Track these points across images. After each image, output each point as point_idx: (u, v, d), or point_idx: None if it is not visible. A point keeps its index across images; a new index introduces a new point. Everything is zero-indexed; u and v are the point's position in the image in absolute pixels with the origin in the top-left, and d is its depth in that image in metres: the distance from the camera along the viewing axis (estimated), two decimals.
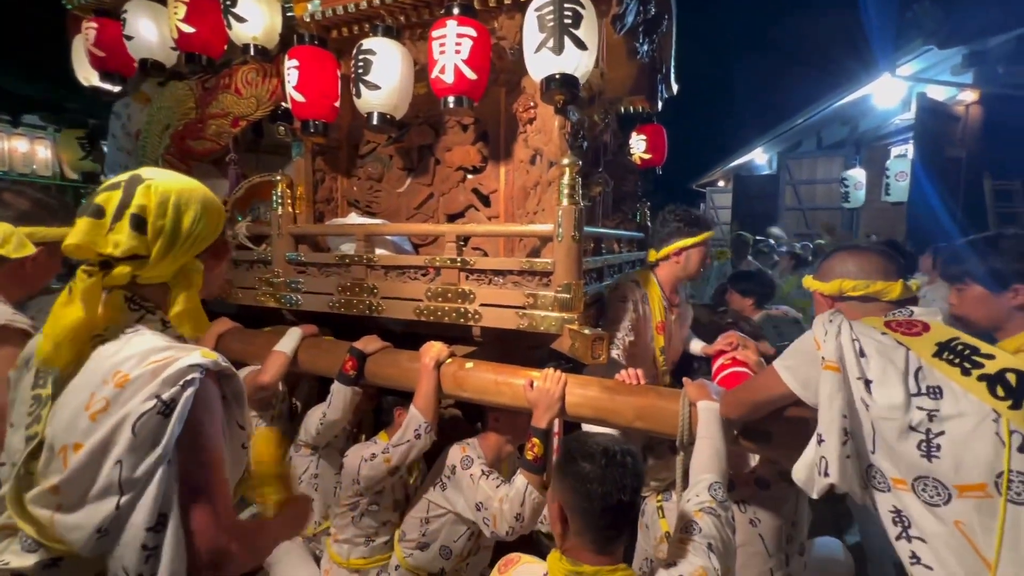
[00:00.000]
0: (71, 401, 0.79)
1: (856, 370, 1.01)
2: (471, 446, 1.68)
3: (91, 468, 0.75)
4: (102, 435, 0.75)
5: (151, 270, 0.87)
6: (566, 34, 1.49)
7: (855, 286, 1.18)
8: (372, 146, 2.28)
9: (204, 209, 0.91)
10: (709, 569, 1.00)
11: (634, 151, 3.07)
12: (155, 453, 0.76)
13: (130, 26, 2.27)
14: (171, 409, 0.77)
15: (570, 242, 1.58)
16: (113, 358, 0.80)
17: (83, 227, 0.82)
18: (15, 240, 1.27)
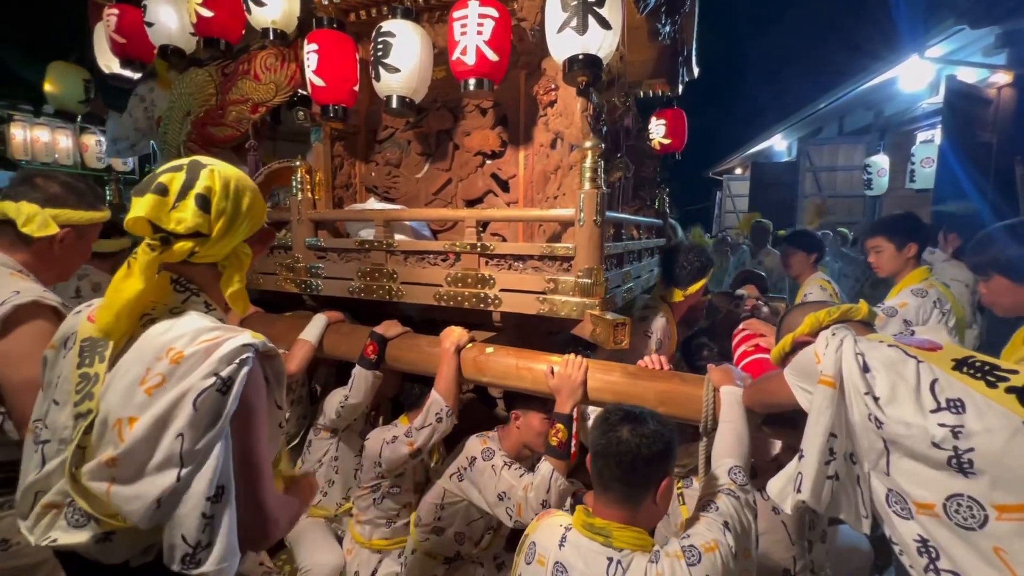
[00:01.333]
0: (125, 377, 0.81)
1: (862, 385, 0.94)
2: (491, 439, 1.69)
3: (150, 441, 0.77)
4: (161, 409, 0.77)
5: (210, 248, 0.90)
6: (590, 13, 1.46)
7: (829, 312, 1.17)
8: (390, 131, 2.27)
9: (255, 196, 0.95)
10: (722, 544, 1.00)
11: (653, 136, 3.02)
12: (216, 427, 0.78)
13: (151, 12, 2.28)
14: (229, 387, 0.79)
15: (592, 226, 1.57)
16: (164, 336, 0.83)
17: (148, 203, 0.84)
18: (39, 219, 1.29)
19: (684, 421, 1.41)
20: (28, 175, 1.36)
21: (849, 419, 0.97)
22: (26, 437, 0.95)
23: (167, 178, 0.87)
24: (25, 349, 1.18)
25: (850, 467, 0.99)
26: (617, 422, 1.04)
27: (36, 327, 1.21)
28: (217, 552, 0.78)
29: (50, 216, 1.31)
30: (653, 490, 1.03)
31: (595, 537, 1.01)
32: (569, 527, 1.07)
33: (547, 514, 1.17)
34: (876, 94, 7.46)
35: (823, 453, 0.97)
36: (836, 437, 0.97)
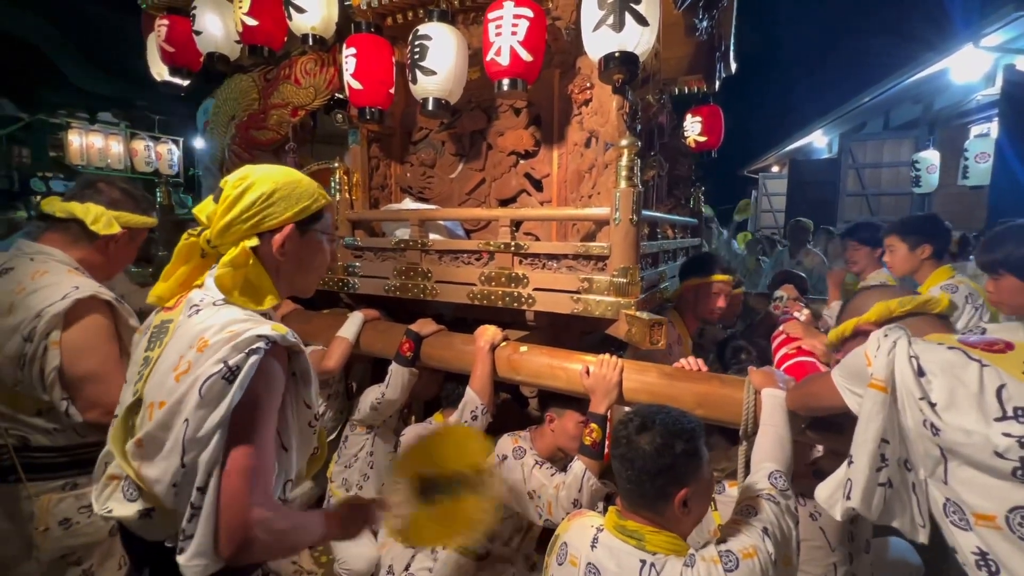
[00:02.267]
0: (164, 363, 0.87)
1: (917, 390, 0.89)
2: (523, 438, 1.69)
3: (166, 425, 0.81)
4: (179, 394, 0.81)
5: (216, 237, 0.94)
6: (627, 10, 1.44)
7: (902, 303, 1.08)
8: (425, 132, 2.31)
9: (274, 192, 0.94)
10: (761, 550, 0.97)
11: (688, 133, 2.96)
12: (216, 415, 0.80)
13: (199, 22, 2.38)
14: (234, 375, 0.81)
15: (628, 225, 1.55)
16: (200, 325, 0.88)
17: (203, 204, 0.95)
18: (105, 219, 1.38)
19: (723, 424, 1.38)
20: (90, 180, 1.45)
21: (902, 424, 0.92)
22: None
23: (224, 181, 0.95)
24: (86, 340, 1.26)
25: (904, 474, 0.95)
26: (635, 429, 1.02)
27: (94, 320, 1.29)
28: (194, 547, 0.79)
29: (113, 216, 1.39)
30: (672, 499, 0.99)
31: (628, 540, 0.99)
32: (601, 528, 1.05)
33: (578, 514, 1.15)
34: (925, 86, 7.10)
35: (874, 459, 0.93)
36: (888, 443, 0.93)
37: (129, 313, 1.37)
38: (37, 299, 1.23)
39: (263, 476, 0.85)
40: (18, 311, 1.23)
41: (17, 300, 1.24)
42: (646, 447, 0.98)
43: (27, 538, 1.31)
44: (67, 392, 1.26)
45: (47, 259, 1.32)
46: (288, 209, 0.96)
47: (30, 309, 1.22)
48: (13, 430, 1.29)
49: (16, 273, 1.28)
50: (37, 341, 1.21)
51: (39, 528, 1.30)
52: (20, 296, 1.24)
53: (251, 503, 0.81)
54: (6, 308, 1.24)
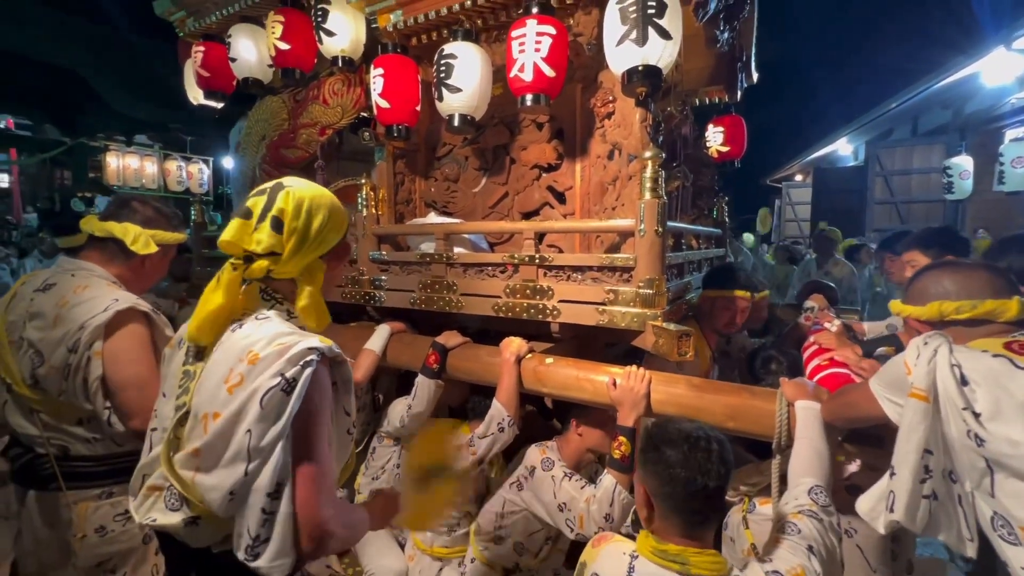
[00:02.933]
0: (213, 375, 0.89)
1: (960, 400, 0.87)
2: (551, 448, 1.68)
3: (226, 435, 0.84)
4: (236, 406, 0.84)
5: (283, 266, 0.97)
6: (650, 24, 1.46)
7: (958, 308, 1.01)
8: (449, 147, 2.35)
9: (331, 215, 1.01)
10: (808, 569, 0.93)
11: (711, 144, 2.95)
12: (278, 425, 0.84)
13: (234, 48, 2.49)
14: (292, 387, 0.85)
15: (653, 237, 1.55)
16: (247, 339, 0.90)
17: (235, 226, 0.94)
18: (143, 239, 1.45)
19: (755, 437, 1.35)
20: (125, 199, 1.52)
21: (946, 435, 0.90)
22: None
23: (252, 202, 0.96)
24: (126, 350, 1.31)
25: (950, 486, 0.91)
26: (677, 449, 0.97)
27: (134, 330, 1.34)
28: (272, 548, 0.83)
29: (149, 235, 1.46)
30: (718, 519, 0.98)
31: (669, 565, 0.93)
32: (635, 555, 0.99)
33: (604, 539, 1.09)
34: (955, 91, 6.94)
35: (917, 471, 0.91)
36: (932, 454, 0.90)
37: (164, 323, 1.43)
38: (80, 312, 1.29)
39: (327, 478, 0.91)
40: (63, 323, 1.29)
41: (62, 313, 1.30)
42: (709, 454, 0.95)
43: (65, 545, 1.35)
44: (109, 400, 1.31)
45: (87, 275, 1.39)
46: (339, 229, 1.03)
47: (74, 321, 1.28)
48: (55, 439, 1.34)
49: (59, 288, 1.35)
50: (81, 351, 1.27)
51: (77, 535, 1.34)
52: (64, 309, 1.30)
53: (322, 503, 0.87)
54: (51, 321, 1.30)
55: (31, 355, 1.30)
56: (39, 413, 1.33)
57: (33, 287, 1.36)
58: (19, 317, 1.33)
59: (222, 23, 2.71)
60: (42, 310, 1.31)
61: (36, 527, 1.36)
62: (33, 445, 1.35)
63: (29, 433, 1.34)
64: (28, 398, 1.32)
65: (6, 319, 1.35)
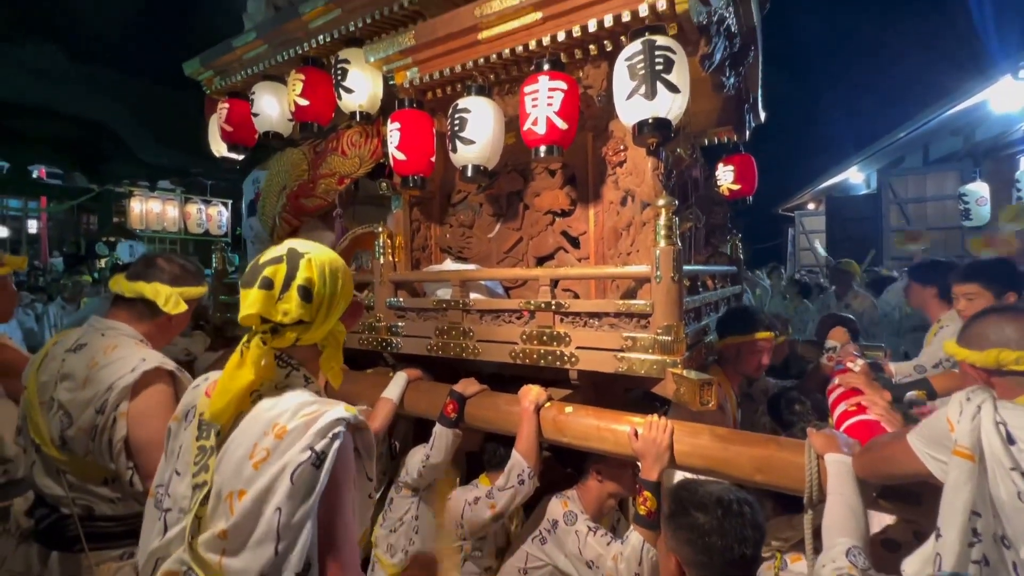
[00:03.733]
0: (236, 451, 0.87)
1: (1007, 460, 0.84)
2: (572, 500, 1.65)
3: (254, 514, 0.82)
4: (264, 483, 0.82)
5: (311, 334, 0.97)
6: (658, 80, 1.50)
7: (1018, 358, 0.96)
8: (463, 195, 2.40)
9: (346, 275, 1.02)
10: None
11: (722, 182, 2.97)
12: (309, 501, 0.82)
13: (256, 104, 2.61)
14: (322, 460, 0.83)
15: (670, 283, 1.55)
16: (271, 411, 0.89)
17: (257, 298, 0.92)
18: (173, 299, 1.47)
19: (785, 491, 1.31)
20: (151, 259, 1.55)
21: (995, 497, 0.86)
22: (148, 500, 1.02)
23: (271, 271, 0.94)
24: (151, 410, 1.33)
25: (1002, 551, 0.87)
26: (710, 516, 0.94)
27: (159, 390, 1.36)
28: None
29: (177, 293, 1.49)
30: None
31: None
32: None
33: None
34: (964, 118, 6.96)
35: (965, 534, 0.86)
36: (980, 516, 0.86)
37: (188, 380, 1.44)
38: (109, 373, 1.31)
39: (354, 551, 0.90)
40: (92, 385, 1.31)
41: (91, 374, 1.32)
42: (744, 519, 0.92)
43: None
44: (132, 460, 1.31)
45: (117, 334, 1.42)
46: (351, 291, 1.04)
47: (102, 383, 1.30)
48: (80, 500, 1.34)
49: (90, 348, 1.37)
50: (108, 412, 1.29)
51: None
52: (94, 370, 1.32)
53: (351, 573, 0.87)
54: (81, 382, 1.32)
55: (61, 416, 1.32)
56: (66, 474, 1.34)
57: (65, 347, 1.39)
58: (50, 377, 1.36)
59: (247, 82, 2.85)
60: (73, 371, 1.34)
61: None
62: (59, 505, 1.35)
63: (55, 494, 1.34)
64: (56, 459, 1.33)
65: (38, 379, 1.37)
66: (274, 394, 0.93)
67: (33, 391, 1.37)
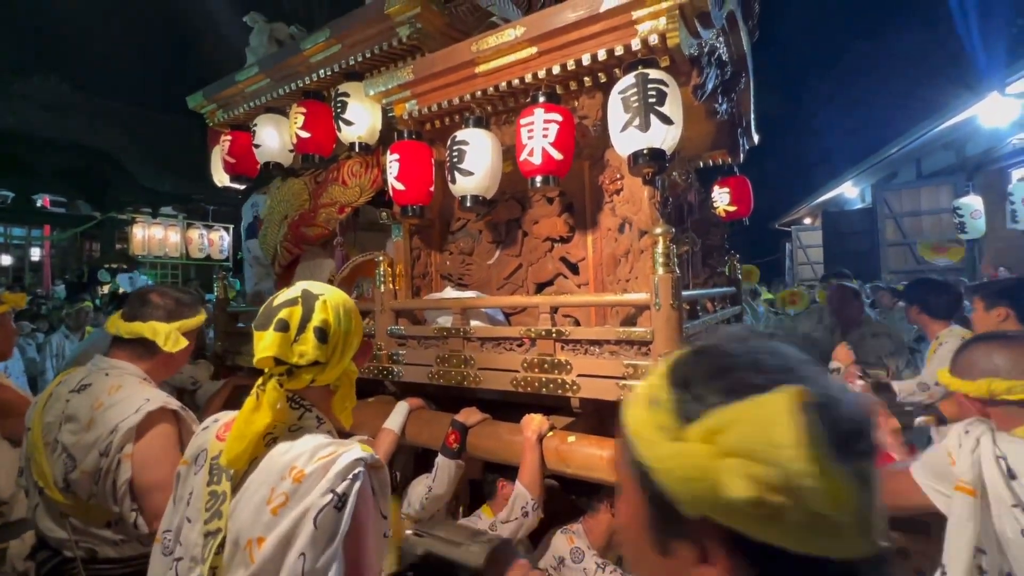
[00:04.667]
0: (252, 497, 0.86)
1: (1008, 496, 0.83)
2: (578, 535, 1.63)
3: (276, 560, 0.81)
4: (285, 528, 0.81)
5: (327, 374, 0.97)
6: (651, 112, 1.54)
7: (1010, 388, 0.95)
8: (462, 222, 2.43)
9: (356, 315, 1.04)
10: None
11: (718, 204, 3.00)
12: (333, 545, 0.81)
13: (258, 136, 2.66)
14: (344, 502, 0.83)
15: (669, 311, 1.56)
16: (287, 455, 0.89)
17: (274, 340, 0.93)
18: (173, 337, 1.47)
19: None
20: (143, 295, 1.53)
21: (999, 533, 0.85)
22: (154, 546, 1.01)
23: (286, 313, 0.95)
24: (156, 452, 1.32)
25: None
26: None
27: (163, 430, 1.35)
28: None
29: (175, 328, 1.49)
30: None
31: None
32: None
33: None
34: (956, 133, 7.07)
35: (970, 571, 0.86)
36: (985, 553, 0.86)
37: (192, 420, 1.44)
38: (113, 414, 1.31)
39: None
40: (96, 427, 1.30)
41: (96, 415, 1.32)
42: None
43: None
44: (136, 503, 1.30)
45: (121, 373, 1.42)
46: (361, 328, 1.06)
47: (107, 424, 1.30)
48: (83, 543, 1.33)
49: (94, 389, 1.37)
50: (112, 455, 1.28)
51: None
52: (99, 411, 1.32)
53: None
54: (86, 424, 1.31)
55: (64, 459, 1.31)
56: (69, 517, 1.32)
57: (69, 387, 1.39)
58: (55, 419, 1.36)
59: (249, 114, 2.91)
60: (77, 412, 1.33)
61: None
62: (61, 548, 1.34)
63: (58, 536, 1.33)
64: (59, 502, 1.32)
65: (43, 420, 1.37)
66: (288, 437, 0.93)
67: (38, 432, 1.37)
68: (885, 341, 3.01)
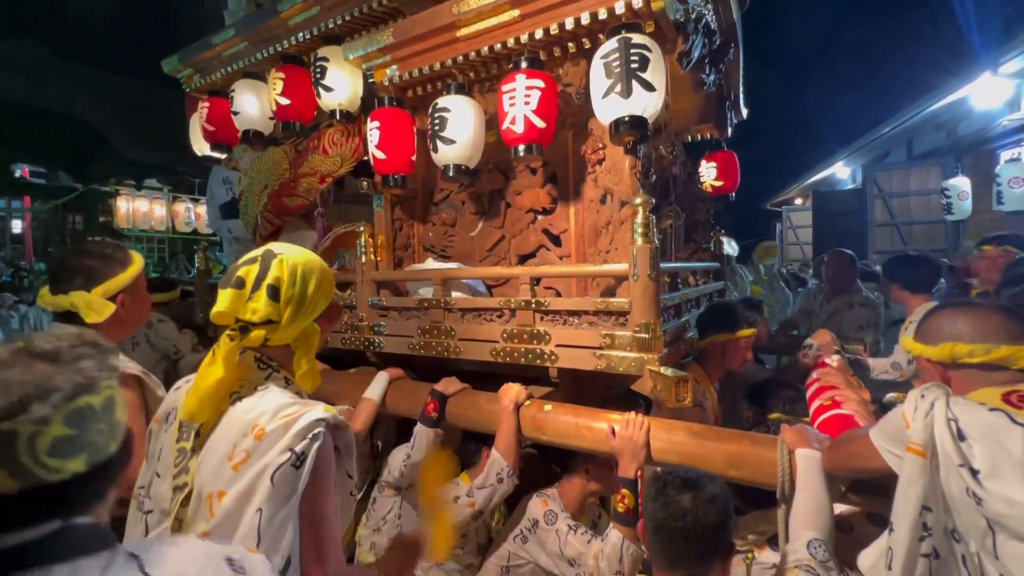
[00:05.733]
0: (215, 453, 0.88)
1: (956, 456, 0.85)
2: (552, 498, 1.66)
3: (235, 515, 0.83)
4: (245, 484, 0.83)
5: (280, 333, 0.97)
6: (633, 78, 1.51)
7: (971, 351, 0.97)
8: (445, 193, 2.40)
9: (322, 279, 1.02)
10: None
11: (704, 179, 2.99)
12: (290, 503, 0.83)
13: (236, 102, 2.59)
14: (302, 461, 0.85)
15: (647, 281, 1.56)
16: (250, 413, 0.90)
17: (228, 297, 0.94)
18: (96, 305, 1.32)
19: (758, 486, 1.33)
20: (62, 262, 1.37)
21: (946, 492, 0.88)
22: (131, 504, 1.02)
23: (244, 271, 0.96)
24: None
25: (953, 544, 0.89)
26: (675, 493, 1.01)
27: (123, 396, 1.32)
28: None
29: (99, 294, 1.33)
30: (720, 562, 1.00)
31: None
32: None
33: None
34: (947, 113, 7.05)
35: (915, 528, 0.88)
36: (931, 511, 0.88)
37: (156, 384, 1.41)
38: None
39: (335, 547, 0.91)
40: None
41: None
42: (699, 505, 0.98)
43: None
44: None
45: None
46: (329, 293, 1.05)
47: None
48: None
49: None
50: None
51: None
52: None
53: (333, 569, 0.89)
54: None
55: None
56: None
57: None
58: None
59: (226, 79, 2.82)
60: None
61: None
62: None
63: None
64: None
65: None
66: (253, 396, 0.94)
67: None
68: (869, 313, 3.02)
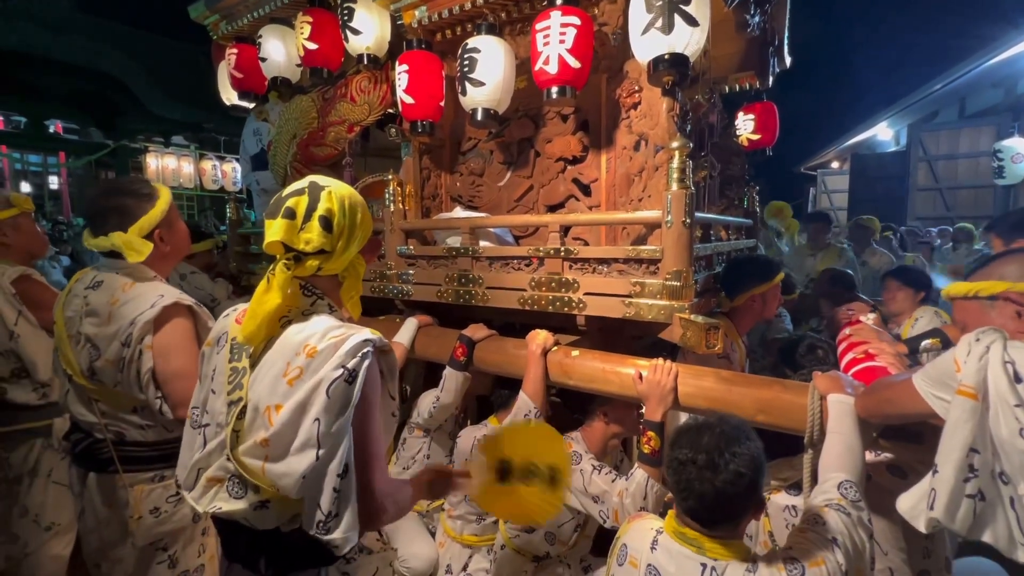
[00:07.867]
0: (270, 370, 0.95)
1: (1012, 397, 0.84)
2: (576, 441, 1.69)
3: (293, 424, 0.90)
4: (300, 397, 0.89)
5: (332, 263, 1.02)
6: (676, 11, 1.43)
7: None
8: (473, 142, 2.36)
9: (365, 210, 1.06)
10: (830, 561, 0.94)
11: (741, 132, 2.87)
12: (345, 413, 0.90)
13: (264, 49, 2.56)
14: (354, 377, 0.91)
15: (680, 228, 1.53)
16: (300, 334, 0.96)
17: (280, 227, 0.97)
18: (135, 245, 1.40)
19: (786, 431, 1.33)
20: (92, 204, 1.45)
21: (996, 434, 0.86)
22: (186, 421, 1.10)
23: (293, 202, 0.98)
24: (176, 341, 1.39)
25: (1000, 487, 0.88)
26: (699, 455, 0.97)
27: (179, 323, 1.41)
28: (345, 523, 0.90)
29: (136, 233, 1.41)
30: (744, 520, 1.01)
31: (687, 545, 1.00)
32: (660, 530, 1.06)
33: (638, 516, 1.18)
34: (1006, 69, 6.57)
35: (961, 469, 0.88)
36: (978, 453, 0.87)
37: (208, 316, 1.49)
38: (130, 309, 1.37)
39: (382, 459, 0.99)
40: (115, 320, 1.37)
41: (113, 311, 1.37)
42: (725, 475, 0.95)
43: (124, 524, 1.44)
44: (160, 391, 1.38)
45: (130, 270, 1.45)
46: (370, 224, 1.08)
47: (125, 318, 1.36)
48: (112, 426, 1.43)
49: (108, 285, 1.41)
50: (133, 346, 1.35)
51: (134, 516, 1.42)
52: (115, 307, 1.38)
53: (379, 481, 0.97)
54: (106, 317, 1.38)
55: (88, 349, 1.38)
56: (97, 402, 1.41)
57: (84, 284, 1.44)
58: (75, 313, 1.42)
59: (253, 25, 2.78)
60: (96, 307, 1.39)
61: (97, 507, 1.45)
62: (92, 431, 1.44)
63: (88, 420, 1.43)
64: (87, 388, 1.40)
65: (64, 315, 1.43)
66: (302, 320, 0.99)
67: (61, 326, 1.43)
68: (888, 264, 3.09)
